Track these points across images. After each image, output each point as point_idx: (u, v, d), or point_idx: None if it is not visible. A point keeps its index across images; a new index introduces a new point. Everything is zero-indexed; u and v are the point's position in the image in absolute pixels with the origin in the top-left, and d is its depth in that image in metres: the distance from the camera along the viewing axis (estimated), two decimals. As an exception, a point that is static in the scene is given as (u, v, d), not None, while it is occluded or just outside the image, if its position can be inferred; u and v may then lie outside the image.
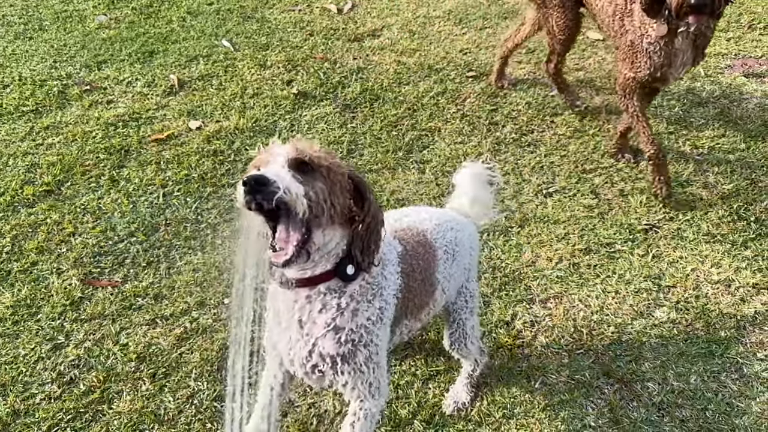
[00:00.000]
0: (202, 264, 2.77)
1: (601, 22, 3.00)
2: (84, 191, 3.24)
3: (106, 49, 4.55)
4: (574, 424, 2.11)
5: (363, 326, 1.53)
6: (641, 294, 2.55)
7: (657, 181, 2.91)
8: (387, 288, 1.60)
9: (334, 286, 1.49)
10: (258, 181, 1.25)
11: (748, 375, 2.24)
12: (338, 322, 1.50)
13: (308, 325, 1.51)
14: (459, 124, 3.59)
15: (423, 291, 1.78)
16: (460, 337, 2.02)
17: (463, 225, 1.99)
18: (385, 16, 4.84)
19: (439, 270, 1.83)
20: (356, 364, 1.55)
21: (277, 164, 1.34)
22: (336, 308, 1.50)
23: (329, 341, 1.51)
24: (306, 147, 1.38)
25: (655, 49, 2.67)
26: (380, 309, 1.57)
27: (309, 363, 1.55)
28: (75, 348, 2.45)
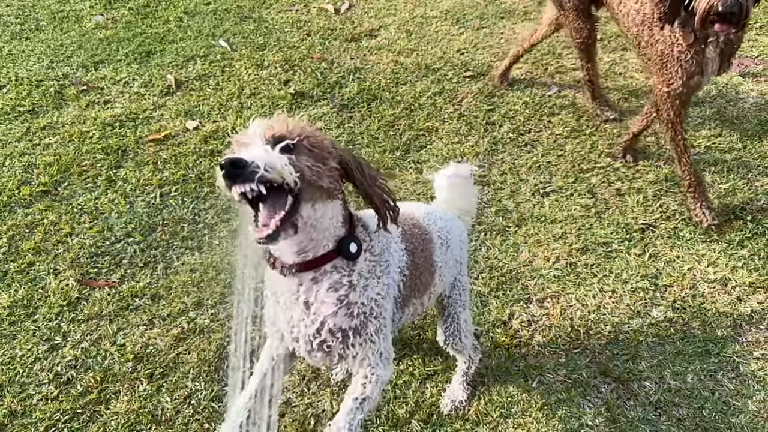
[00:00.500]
0: (199, 264, 2.77)
1: (627, 32, 2.93)
2: (81, 191, 3.23)
3: (103, 49, 4.55)
4: (571, 423, 2.11)
5: (373, 299, 1.54)
6: (638, 293, 2.55)
7: (699, 208, 2.82)
8: (393, 264, 1.61)
9: (340, 264, 1.48)
10: (234, 163, 1.21)
11: (744, 374, 2.25)
12: (351, 298, 1.50)
13: (316, 305, 1.50)
14: (456, 123, 3.59)
15: (426, 270, 1.79)
16: (454, 331, 2.03)
17: (451, 217, 2.01)
18: (383, 16, 4.84)
19: (436, 254, 1.84)
20: (368, 335, 1.55)
21: (255, 144, 1.31)
22: (348, 285, 1.49)
23: (341, 317, 1.50)
24: (284, 123, 1.35)
25: (686, 57, 2.60)
26: (388, 285, 1.58)
27: (316, 340, 1.53)
28: (72, 348, 2.45)
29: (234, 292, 2.57)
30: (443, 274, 1.90)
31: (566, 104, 3.66)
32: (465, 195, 2.15)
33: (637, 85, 3.78)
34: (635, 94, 3.71)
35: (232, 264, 2.74)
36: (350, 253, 1.47)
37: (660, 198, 2.98)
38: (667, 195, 3.00)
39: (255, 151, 1.28)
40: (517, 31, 4.46)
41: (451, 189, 2.12)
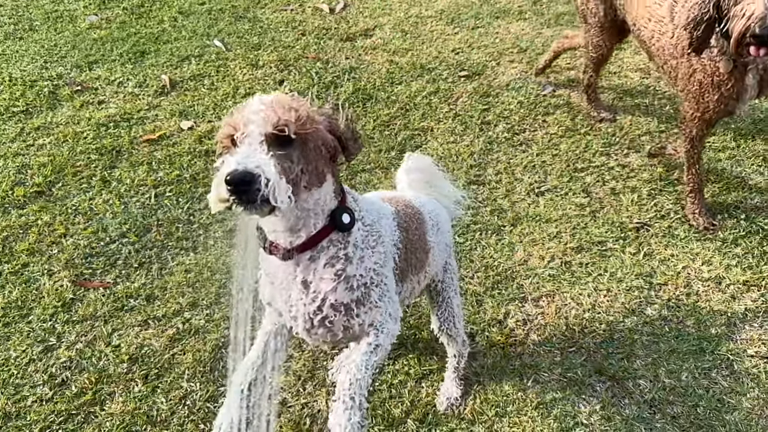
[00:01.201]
0: (194, 265, 2.77)
1: (663, 65, 2.79)
2: (75, 192, 3.22)
3: (97, 50, 4.53)
4: (566, 422, 2.12)
5: (372, 269, 1.52)
6: (633, 292, 2.56)
7: (696, 213, 2.83)
8: (386, 236, 1.60)
9: (335, 237, 1.47)
10: (244, 180, 1.20)
11: (738, 372, 2.26)
12: (348, 271, 1.48)
13: (314, 282, 1.48)
14: (451, 123, 3.60)
15: (420, 248, 1.79)
16: (449, 316, 2.03)
17: (436, 204, 2.02)
18: (378, 15, 4.84)
19: (429, 234, 1.85)
20: (372, 302, 1.53)
21: (254, 141, 1.28)
22: (344, 258, 1.48)
23: (341, 291, 1.49)
24: (283, 112, 1.31)
25: (726, 85, 2.52)
26: (384, 254, 1.57)
27: (317, 317, 1.51)
28: (66, 350, 2.44)
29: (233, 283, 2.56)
30: (436, 255, 1.90)
31: (561, 104, 3.67)
32: (431, 184, 2.14)
33: (631, 84, 3.79)
34: (630, 93, 3.72)
35: (229, 262, 2.74)
36: (344, 224, 1.46)
37: (654, 197, 3.00)
38: (662, 194, 3.01)
39: (256, 158, 1.25)
40: (512, 31, 4.47)
41: (411, 184, 2.10)
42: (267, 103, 1.33)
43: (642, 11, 2.81)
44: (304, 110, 1.35)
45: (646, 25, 2.80)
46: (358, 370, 1.47)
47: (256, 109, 1.32)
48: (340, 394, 1.45)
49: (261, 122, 1.29)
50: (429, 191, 2.09)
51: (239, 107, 1.37)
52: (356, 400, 1.44)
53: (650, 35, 2.80)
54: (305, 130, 1.33)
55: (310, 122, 1.35)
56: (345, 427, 1.41)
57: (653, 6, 2.74)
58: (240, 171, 1.21)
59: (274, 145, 1.29)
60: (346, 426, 1.41)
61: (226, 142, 1.36)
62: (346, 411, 1.42)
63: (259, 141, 1.28)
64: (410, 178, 2.10)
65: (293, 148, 1.32)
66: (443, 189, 2.17)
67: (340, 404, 1.44)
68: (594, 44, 3.28)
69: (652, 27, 2.76)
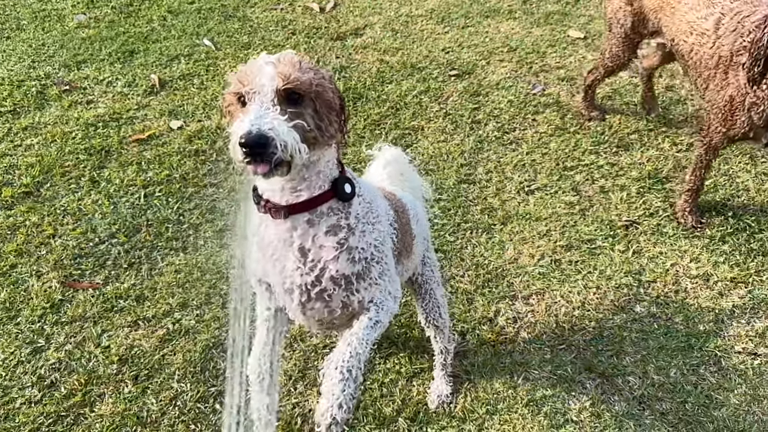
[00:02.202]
0: (184, 265, 2.75)
1: (697, 77, 2.73)
2: (64, 192, 3.20)
3: (85, 49, 4.50)
4: (556, 419, 2.13)
5: (373, 245, 1.50)
6: (622, 289, 2.58)
7: (686, 212, 2.84)
8: (383, 216, 1.58)
9: (336, 205, 1.45)
10: (258, 143, 1.19)
11: (726, 368, 2.28)
12: (351, 242, 1.45)
13: (314, 250, 1.44)
14: (442, 122, 3.60)
15: (408, 234, 1.78)
16: (434, 306, 2.04)
17: (413, 198, 2.02)
18: (368, 14, 4.84)
19: (411, 221, 1.85)
20: (372, 279, 1.51)
21: (266, 99, 1.26)
22: (347, 228, 1.45)
23: (343, 262, 1.45)
24: (293, 69, 1.29)
25: (757, 109, 2.43)
26: (383, 233, 1.55)
27: (315, 289, 1.47)
28: (55, 351, 2.42)
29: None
30: (417, 245, 1.90)
31: (550, 102, 3.68)
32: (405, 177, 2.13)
33: (620, 83, 3.81)
34: (618, 92, 3.74)
35: (219, 261, 2.73)
36: (345, 193, 1.44)
37: (643, 195, 3.02)
38: (650, 192, 3.03)
39: (269, 117, 1.23)
40: (501, 30, 4.48)
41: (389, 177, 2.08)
42: (275, 60, 1.31)
43: (683, 26, 2.72)
44: (313, 68, 1.33)
45: (686, 39, 2.70)
46: (360, 343, 1.45)
47: (264, 65, 1.29)
48: (338, 364, 1.41)
49: (271, 78, 1.26)
50: (403, 184, 2.09)
51: (246, 64, 1.34)
52: (353, 372, 1.42)
53: (689, 48, 2.70)
54: (315, 87, 1.31)
55: (320, 79, 1.33)
56: (338, 397, 1.38)
57: (697, 21, 2.65)
58: (255, 134, 1.20)
59: (285, 103, 1.27)
60: (339, 396, 1.38)
61: (233, 99, 1.33)
62: (341, 382, 1.39)
63: (270, 99, 1.26)
64: (387, 171, 2.08)
65: (304, 105, 1.30)
66: (415, 182, 2.17)
67: (337, 374, 1.40)
68: (612, 54, 3.23)
69: (693, 40, 2.67)
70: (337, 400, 1.38)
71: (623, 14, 3.08)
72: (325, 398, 1.39)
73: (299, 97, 1.29)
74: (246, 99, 1.29)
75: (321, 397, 1.40)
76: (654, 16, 2.94)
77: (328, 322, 1.57)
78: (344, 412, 1.38)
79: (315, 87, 1.31)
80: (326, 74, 1.38)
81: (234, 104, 1.35)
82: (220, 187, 3.19)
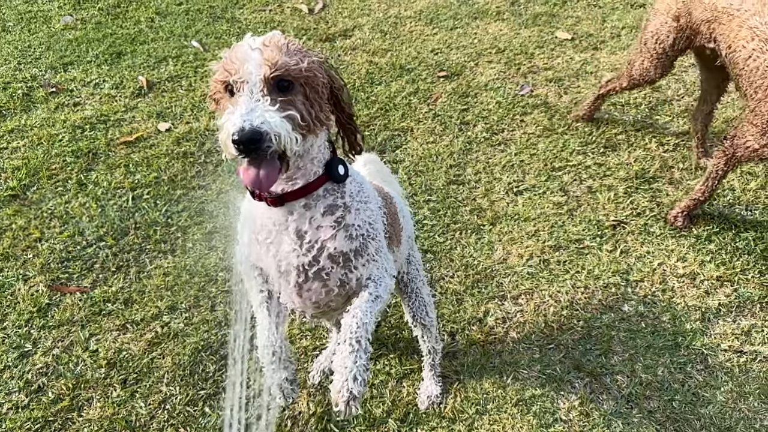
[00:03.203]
0: (172, 267, 2.74)
1: (746, 80, 2.63)
2: (51, 195, 3.17)
3: (72, 51, 4.47)
4: (545, 419, 2.14)
5: (368, 222, 1.51)
6: (610, 289, 2.60)
7: (682, 215, 2.84)
8: (372, 199, 1.59)
9: (330, 187, 1.45)
10: (252, 139, 1.17)
11: (712, 366, 2.30)
12: (348, 220, 1.46)
13: (311, 232, 1.44)
14: (431, 123, 3.61)
15: (396, 222, 1.78)
16: (420, 305, 2.04)
17: (396, 194, 2.02)
18: (357, 16, 4.84)
19: (399, 214, 1.85)
20: (369, 255, 1.52)
21: (255, 89, 1.22)
22: (343, 207, 1.46)
23: (341, 239, 1.46)
24: (281, 54, 1.25)
25: None
26: (375, 213, 1.56)
27: (313, 268, 1.47)
28: (43, 355, 2.40)
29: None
30: (404, 240, 1.90)
31: (538, 104, 3.70)
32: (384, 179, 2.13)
33: (607, 84, 3.84)
34: (606, 92, 3.77)
35: (208, 264, 2.72)
36: (339, 175, 1.44)
37: (630, 195, 3.04)
38: (638, 192, 3.06)
39: (259, 110, 1.21)
40: (490, 31, 4.50)
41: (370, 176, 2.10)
42: (261, 45, 1.26)
43: (743, 32, 2.62)
44: (301, 51, 1.30)
45: (746, 44, 2.60)
46: (364, 314, 1.45)
47: (251, 52, 1.25)
48: (346, 337, 1.42)
49: (259, 66, 1.23)
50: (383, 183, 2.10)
51: (231, 49, 1.29)
52: (362, 343, 1.41)
53: (748, 55, 2.60)
54: (305, 73, 1.28)
55: (310, 64, 1.30)
56: (351, 369, 1.37)
57: (761, 26, 2.56)
58: (248, 130, 1.17)
59: (274, 91, 1.24)
60: (353, 368, 1.38)
61: (220, 88, 1.30)
62: (352, 353, 1.39)
63: (259, 88, 1.22)
64: (368, 169, 2.09)
65: (294, 92, 1.27)
66: (394, 185, 2.18)
67: (346, 346, 1.40)
68: (643, 68, 3.05)
69: (754, 46, 2.58)
70: (351, 372, 1.37)
71: (666, 31, 2.90)
72: (338, 374, 1.38)
73: (289, 83, 1.26)
74: (234, 89, 1.26)
75: (334, 375, 1.39)
76: (707, 27, 2.78)
77: (324, 304, 1.56)
78: (360, 384, 1.38)
79: (305, 73, 1.28)
80: (316, 58, 1.34)
81: (221, 92, 1.31)
82: (208, 189, 3.18)
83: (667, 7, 2.90)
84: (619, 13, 4.57)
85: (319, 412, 2.19)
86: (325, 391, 2.24)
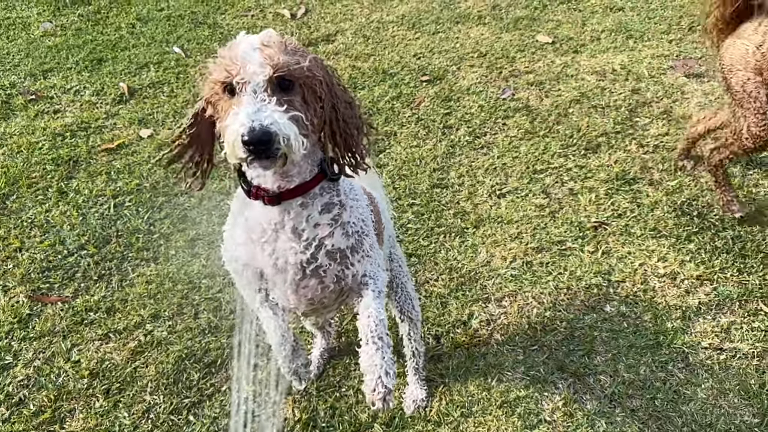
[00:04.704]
0: (155, 275, 2.72)
1: None
2: (31, 204, 3.14)
3: (51, 57, 4.42)
4: (530, 420, 2.16)
5: (361, 219, 1.53)
6: (592, 289, 2.62)
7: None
8: (361, 195, 1.59)
9: (326, 185, 1.46)
10: (262, 140, 1.16)
11: (693, 363, 2.33)
12: (344, 217, 1.47)
13: (308, 230, 1.44)
14: (414, 127, 3.63)
15: (379, 222, 1.79)
16: (406, 299, 2.06)
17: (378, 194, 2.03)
18: (339, 21, 4.85)
19: (382, 213, 1.85)
20: (364, 251, 1.53)
21: (258, 89, 1.21)
22: (339, 205, 1.47)
23: (338, 237, 1.47)
24: (282, 53, 1.24)
25: None
26: (365, 209, 1.57)
27: (311, 266, 1.47)
28: (24, 368, 2.37)
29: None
30: (386, 238, 1.91)
31: (520, 107, 3.74)
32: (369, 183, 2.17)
33: (587, 87, 3.88)
34: (586, 95, 3.81)
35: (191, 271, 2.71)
36: (334, 172, 1.45)
37: (611, 196, 3.08)
38: (618, 193, 3.10)
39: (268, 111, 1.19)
40: (471, 35, 4.53)
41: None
42: (260, 44, 1.25)
43: None
44: (299, 50, 1.29)
45: None
46: (378, 312, 1.48)
47: (252, 51, 1.23)
48: (368, 337, 1.45)
49: (261, 66, 1.22)
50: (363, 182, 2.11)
51: (227, 48, 1.28)
52: (384, 339, 1.45)
53: None
54: (306, 73, 1.27)
55: (310, 63, 1.29)
56: (381, 366, 1.41)
57: None
58: (258, 130, 1.16)
59: (277, 91, 1.23)
60: (382, 365, 1.41)
61: (218, 89, 1.28)
62: (378, 351, 1.43)
63: (263, 88, 1.21)
64: None
65: (295, 92, 1.26)
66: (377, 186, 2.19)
67: (371, 346, 1.44)
68: (753, 134, 2.63)
69: None
70: (382, 368, 1.41)
71: (753, 86, 2.58)
72: (369, 374, 1.42)
73: (290, 83, 1.25)
74: (236, 89, 1.24)
75: (365, 376, 1.43)
76: None
77: (318, 300, 1.57)
78: (391, 377, 1.42)
79: (306, 73, 1.27)
80: (314, 58, 1.33)
81: (218, 94, 1.29)
82: (191, 195, 3.16)
83: (743, 62, 2.57)
84: (598, 16, 4.63)
85: (304, 419, 2.19)
86: (311, 397, 2.24)
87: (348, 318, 2.53)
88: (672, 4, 4.66)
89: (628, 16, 4.57)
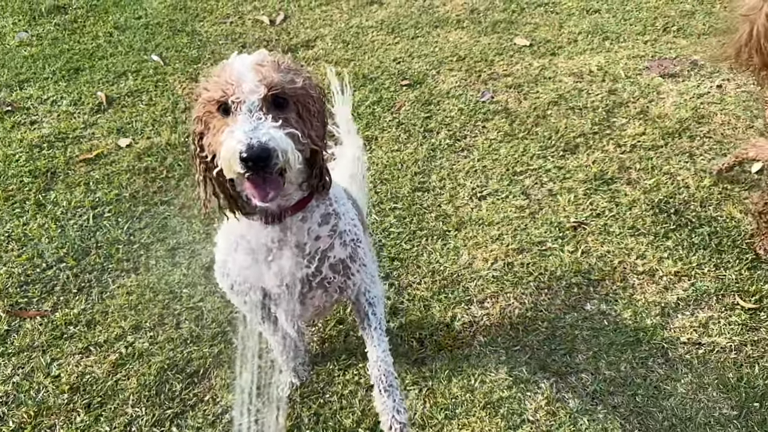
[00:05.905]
0: (136, 286, 2.70)
1: None
2: (8, 218, 3.10)
3: (28, 68, 4.38)
4: (513, 420, 2.17)
5: (353, 224, 1.56)
6: (572, 289, 2.65)
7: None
8: (344, 198, 1.61)
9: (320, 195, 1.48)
10: (261, 156, 1.17)
11: (673, 359, 2.37)
12: (340, 226, 1.51)
13: (310, 243, 1.47)
14: (395, 131, 3.64)
15: (363, 222, 1.81)
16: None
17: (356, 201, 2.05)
18: (318, 26, 4.86)
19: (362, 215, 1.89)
20: (361, 260, 1.58)
21: (253, 108, 1.22)
22: (335, 214, 1.50)
23: (338, 248, 1.51)
24: (276, 73, 1.26)
25: None
26: (353, 213, 1.60)
27: (317, 278, 1.51)
28: (2, 384, 2.34)
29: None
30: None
31: (499, 110, 3.77)
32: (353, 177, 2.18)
33: (565, 88, 3.93)
34: (564, 97, 3.85)
35: (172, 281, 2.69)
36: (328, 182, 1.46)
37: (590, 196, 3.11)
38: (597, 193, 3.13)
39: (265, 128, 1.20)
40: (450, 39, 4.56)
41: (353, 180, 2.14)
42: (254, 64, 1.27)
43: None
44: (293, 69, 1.31)
45: None
46: (385, 360, 1.66)
47: (246, 72, 1.25)
48: (379, 387, 1.66)
49: (256, 85, 1.24)
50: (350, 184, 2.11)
51: (220, 68, 1.29)
52: (393, 384, 1.67)
53: None
54: (300, 91, 1.29)
55: (303, 81, 1.31)
56: (393, 407, 1.65)
57: None
58: (257, 147, 1.17)
59: (272, 109, 1.25)
60: (393, 406, 1.65)
61: (212, 108, 1.29)
62: (390, 396, 1.65)
63: (258, 107, 1.23)
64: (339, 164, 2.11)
65: (289, 109, 1.28)
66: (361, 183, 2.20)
67: (383, 395, 1.65)
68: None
69: None
70: (394, 409, 1.65)
71: None
72: (384, 415, 1.65)
73: (284, 101, 1.27)
74: (231, 109, 1.25)
75: (381, 417, 1.67)
76: None
77: (322, 307, 1.66)
78: (403, 414, 1.66)
79: (299, 91, 1.29)
80: (307, 76, 1.35)
81: (211, 113, 1.30)
82: (171, 204, 3.14)
83: None
84: (575, 18, 4.68)
85: (288, 426, 2.18)
86: (294, 404, 2.24)
87: (331, 324, 2.53)
88: (647, 6, 4.73)
89: (605, 18, 4.63)
